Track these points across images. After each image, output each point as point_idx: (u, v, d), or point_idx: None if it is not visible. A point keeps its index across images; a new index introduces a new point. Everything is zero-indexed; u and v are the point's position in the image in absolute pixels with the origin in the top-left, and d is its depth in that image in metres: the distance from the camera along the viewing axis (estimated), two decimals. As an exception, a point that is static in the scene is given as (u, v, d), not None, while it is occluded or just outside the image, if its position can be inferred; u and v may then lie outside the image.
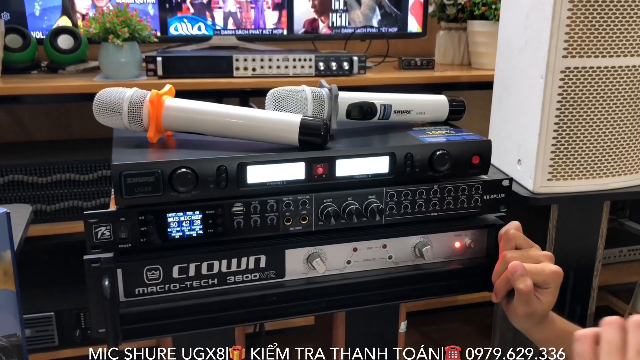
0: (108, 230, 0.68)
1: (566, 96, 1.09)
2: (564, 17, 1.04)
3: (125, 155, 0.70)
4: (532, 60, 1.12)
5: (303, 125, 0.72)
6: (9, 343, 0.76)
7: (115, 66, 1.47)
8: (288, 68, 1.54)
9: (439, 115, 0.88)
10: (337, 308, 0.79)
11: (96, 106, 0.73)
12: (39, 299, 1.54)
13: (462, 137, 0.80)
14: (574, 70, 1.08)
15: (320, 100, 0.79)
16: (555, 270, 0.73)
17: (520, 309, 0.73)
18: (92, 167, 1.50)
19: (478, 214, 0.81)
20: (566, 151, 1.12)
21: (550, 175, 1.14)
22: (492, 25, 1.68)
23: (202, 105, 0.74)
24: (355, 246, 0.77)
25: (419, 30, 1.90)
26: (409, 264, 0.80)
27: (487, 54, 1.73)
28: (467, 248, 0.82)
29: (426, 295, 0.80)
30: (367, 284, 0.77)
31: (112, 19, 1.42)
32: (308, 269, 0.76)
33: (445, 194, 0.78)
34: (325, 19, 1.81)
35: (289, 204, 0.73)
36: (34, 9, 1.63)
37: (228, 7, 1.73)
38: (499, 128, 1.29)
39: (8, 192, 1.45)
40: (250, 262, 0.74)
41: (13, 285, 0.76)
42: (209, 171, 0.69)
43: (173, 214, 0.70)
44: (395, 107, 0.84)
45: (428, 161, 0.77)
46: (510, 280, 0.73)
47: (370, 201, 0.75)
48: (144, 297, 0.71)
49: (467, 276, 0.81)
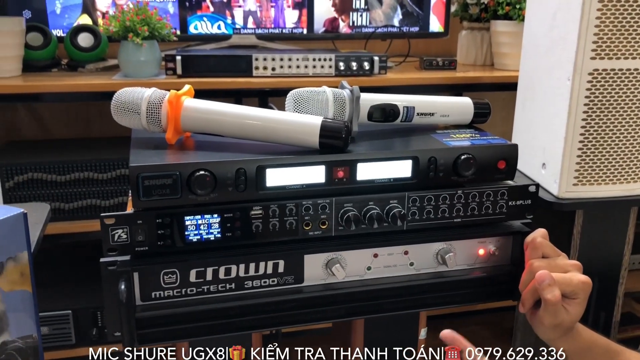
0: (125, 233, 0.67)
1: (594, 99, 1.06)
2: (592, 17, 1.02)
3: (144, 156, 0.69)
4: (558, 61, 1.09)
5: (324, 128, 0.71)
6: (25, 344, 0.76)
7: (135, 65, 1.47)
8: (308, 68, 1.52)
9: (464, 118, 0.86)
10: (356, 315, 0.77)
11: (114, 106, 0.72)
12: (57, 297, 1.55)
13: (487, 141, 0.78)
14: (602, 72, 1.05)
15: (341, 101, 0.77)
16: (584, 281, 0.70)
17: (547, 319, 0.71)
18: (110, 165, 1.49)
19: (503, 220, 0.79)
20: (592, 155, 1.09)
21: (576, 180, 1.11)
22: (516, 25, 1.65)
23: (221, 106, 0.72)
24: (375, 252, 0.75)
25: (441, 30, 1.87)
26: (431, 271, 0.78)
27: (510, 55, 1.70)
28: (491, 255, 0.79)
29: (448, 303, 0.78)
30: (387, 291, 0.75)
31: (132, 18, 1.41)
32: (327, 274, 0.75)
33: (469, 199, 0.76)
34: (346, 18, 1.79)
35: (308, 208, 0.72)
36: (55, 7, 1.63)
37: (248, 6, 1.72)
38: (522, 130, 1.26)
39: (27, 189, 1.46)
40: (269, 267, 0.72)
41: (30, 286, 0.75)
42: (227, 174, 0.68)
43: (191, 217, 0.68)
44: (419, 109, 0.82)
45: (452, 165, 0.75)
46: (537, 290, 0.70)
47: (391, 206, 0.74)
48: (161, 301, 0.70)
49: (490, 284, 0.79)
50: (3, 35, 1.44)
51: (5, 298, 0.72)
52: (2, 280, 0.71)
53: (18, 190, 1.45)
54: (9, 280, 0.72)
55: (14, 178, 1.44)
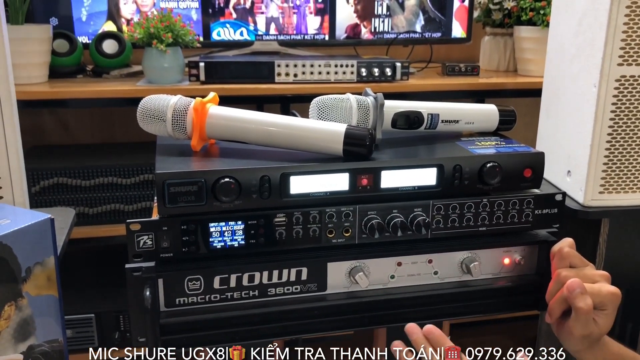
0: (150, 239, 0.67)
1: (620, 106, 1.04)
2: (620, 23, 1.00)
3: (169, 163, 0.69)
4: (584, 67, 1.07)
5: (348, 135, 0.70)
6: (51, 348, 0.77)
7: (159, 71, 1.48)
8: (330, 74, 1.52)
9: (489, 126, 0.85)
10: (379, 324, 0.76)
11: (140, 113, 0.73)
12: (80, 300, 1.57)
13: (513, 149, 0.77)
14: (629, 79, 1.03)
15: (365, 109, 0.77)
16: (613, 292, 0.69)
17: (578, 329, 0.69)
18: (134, 171, 1.51)
19: (529, 229, 0.78)
20: (619, 163, 1.08)
21: (602, 188, 1.09)
22: (540, 31, 1.63)
23: (245, 113, 0.73)
24: (399, 260, 0.75)
25: (464, 36, 1.86)
26: (455, 280, 0.77)
27: (534, 60, 1.68)
28: (516, 265, 0.79)
29: (472, 313, 0.77)
30: (411, 300, 0.75)
31: (156, 24, 1.43)
32: (350, 282, 0.74)
33: (495, 208, 0.75)
34: (368, 24, 1.79)
35: (332, 215, 0.72)
36: (80, 14, 1.65)
37: (270, 13, 1.73)
38: (547, 137, 1.24)
39: (52, 194, 1.48)
40: (292, 274, 0.73)
41: (56, 291, 0.76)
42: (252, 181, 0.68)
43: (215, 223, 0.69)
44: (443, 116, 0.82)
45: (477, 173, 0.74)
46: (566, 300, 0.69)
47: (416, 214, 0.73)
48: (185, 308, 0.70)
49: (515, 294, 0.78)
50: (31, 43, 1.46)
51: (33, 302, 0.73)
52: (30, 285, 0.72)
53: (44, 195, 1.47)
54: (36, 284, 0.73)
55: (40, 183, 1.46)
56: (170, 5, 1.67)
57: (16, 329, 0.71)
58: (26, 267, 0.71)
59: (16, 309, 0.71)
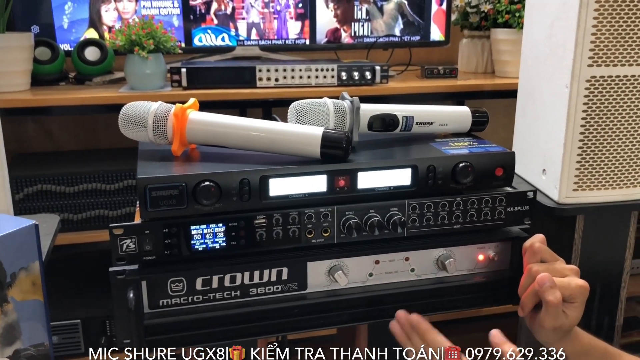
0: (133, 243, 0.69)
1: (592, 105, 1.07)
2: (589, 25, 1.03)
3: (150, 168, 0.71)
4: (557, 68, 1.10)
5: (325, 138, 0.72)
6: (37, 352, 0.78)
7: (141, 77, 1.50)
8: (310, 78, 1.54)
9: (462, 127, 0.88)
10: (359, 321, 0.78)
11: (122, 120, 0.75)
12: (66, 306, 1.57)
13: (485, 149, 0.80)
14: (599, 79, 1.06)
15: (342, 112, 0.79)
16: (582, 285, 0.72)
17: (548, 322, 0.72)
18: (118, 176, 1.52)
19: (502, 226, 0.80)
20: (592, 161, 1.11)
21: (576, 186, 1.12)
22: (516, 33, 1.66)
23: (225, 118, 0.75)
24: (377, 259, 0.77)
25: (442, 39, 1.89)
26: (431, 276, 0.80)
27: (511, 62, 1.72)
28: (490, 261, 0.81)
29: (449, 308, 0.80)
30: (389, 296, 0.77)
31: (137, 31, 1.44)
32: (330, 281, 0.76)
33: (468, 206, 0.78)
34: (348, 29, 1.81)
35: (310, 216, 0.74)
36: (62, 21, 1.66)
37: (251, 18, 1.75)
38: (523, 137, 1.27)
39: (36, 201, 1.48)
40: (273, 275, 0.74)
41: (41, 296, 0.77)
42: (232, 184, 0.70)
43: (197, 226, 0.70)
44: (418, 118, 0.84)
45: (451, 173, 0.77)
46: (537, 293, 0.72)
47: (392, 213, 0.75)
48: (168, 309, 0.72)
49: (490, 289, 0.81)
50: (12, 51, 1.47)
51: (18, 307, 0.74)
52: (15, 290, 0.73)
53: (28, 202, 1.48)
54: (21, 290, 0.74)
55: (23, 190, 1.47)
56: (151, 12, 1.68)
57: (2, 333, 0.72)
58: (11, 273, 0.72)
59: (2, 314, 0.72)
